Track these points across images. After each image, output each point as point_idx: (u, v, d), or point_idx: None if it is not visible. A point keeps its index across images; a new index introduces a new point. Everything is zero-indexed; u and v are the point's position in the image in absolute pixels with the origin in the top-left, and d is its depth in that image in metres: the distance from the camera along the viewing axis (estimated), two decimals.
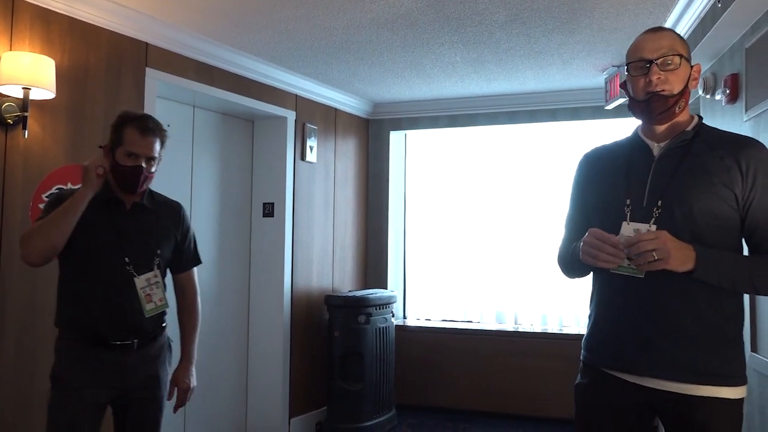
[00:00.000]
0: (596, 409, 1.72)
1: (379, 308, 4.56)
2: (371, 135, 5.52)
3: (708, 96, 3.23)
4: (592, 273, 1.78)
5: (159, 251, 2.26)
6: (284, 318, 4.37)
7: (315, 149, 4.70)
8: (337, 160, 5.03)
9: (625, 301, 1.63)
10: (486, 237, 5.32)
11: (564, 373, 4.43)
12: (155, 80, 3.44)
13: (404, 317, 5.54)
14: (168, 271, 2.40)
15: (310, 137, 4.63)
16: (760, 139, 2.53)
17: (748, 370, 2.68)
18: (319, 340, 4.69)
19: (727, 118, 2.97)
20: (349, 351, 4.40)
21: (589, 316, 1.78)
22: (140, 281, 2.19)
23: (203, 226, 4.10)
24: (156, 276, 2.23)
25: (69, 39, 2.99)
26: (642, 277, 1.56)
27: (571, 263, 1.78)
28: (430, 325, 5.28)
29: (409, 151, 5.68)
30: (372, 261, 5.46)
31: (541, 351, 4.81)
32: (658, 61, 1.60)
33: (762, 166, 1.57)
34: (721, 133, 1.70)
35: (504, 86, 4.71)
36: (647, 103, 1.62)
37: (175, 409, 2.38)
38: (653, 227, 1.56)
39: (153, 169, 2.21)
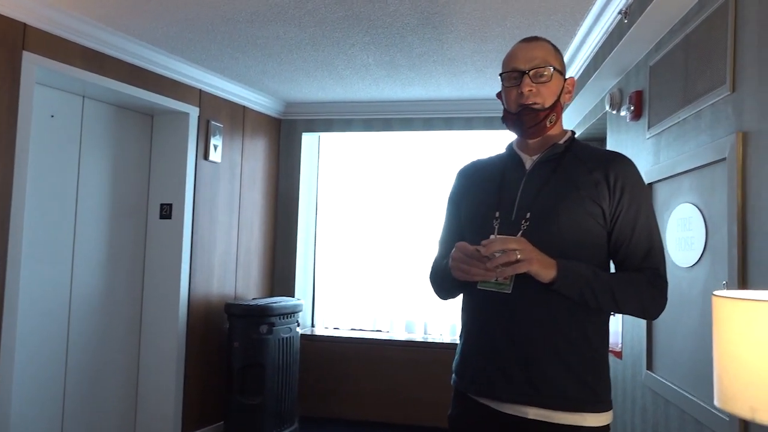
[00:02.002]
0: None
1: (283, 317, 4.36)
2: (283, 136, 5.31)
3: (614, 112, 3.25)
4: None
5: None
6: (179, 327, 4.09)
7: (220, 148, 4.44)
8: (244, 161, 4.79)
9: (488, 322, 1.54)
10: (398, 246, 5.22)
11: None
12: (34, 65, 3.11)
13: (312, 326, 5.35)
14: None
15: (214, 135, 4.38)
16: (660, 157, 2.54)
17: (643, 390, 2.69)
18: (218, 350, 4.43)
19: (631, 135, 2.98)
20: (249, 362, 4.17)
21: (460, 337, 1.68)
22: None
23: (91, 227, 3.77)
24: None
25: None
26: (509, 292, 1.49)
27: (442, 281, 1.69)
28: (337, 334, 5.12)
29: (323, 155, 5.50)
30: (279, 267, 5.24)
31: (449, 361, 4.72)
32: (531, 73, 1.54)
33: (629, 181, 1.52)
34: (593, 148, 1.65)
35: (419, 92, 4.63)
36: (518, 116, 1.57)
37: None
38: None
39: None
